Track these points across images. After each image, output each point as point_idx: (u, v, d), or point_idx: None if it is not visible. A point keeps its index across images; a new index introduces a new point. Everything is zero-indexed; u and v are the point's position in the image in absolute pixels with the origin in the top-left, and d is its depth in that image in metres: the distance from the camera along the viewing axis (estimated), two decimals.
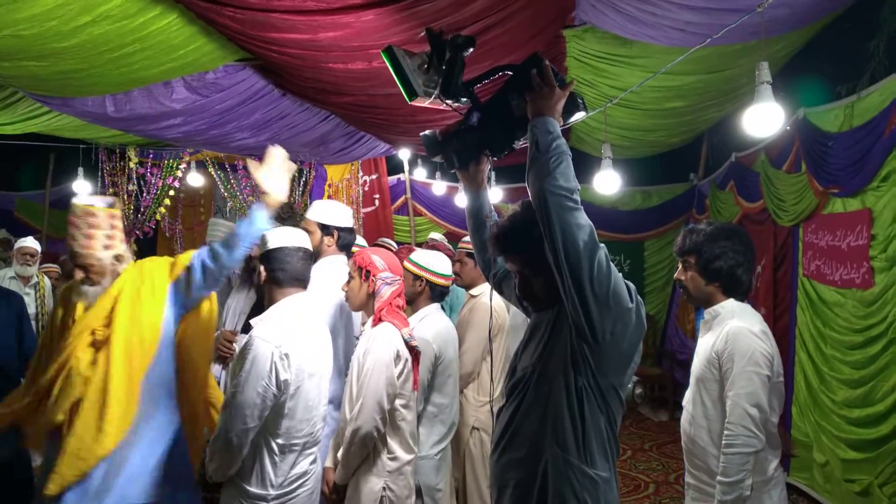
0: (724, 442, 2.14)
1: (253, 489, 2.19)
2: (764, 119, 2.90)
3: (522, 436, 1.76)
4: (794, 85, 4.66)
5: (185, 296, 2.51)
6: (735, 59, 4.02)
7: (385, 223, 7.48)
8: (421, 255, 3.03)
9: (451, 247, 4.75)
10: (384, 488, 2.51)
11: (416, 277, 2.95)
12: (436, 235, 6.71)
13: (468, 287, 3.59)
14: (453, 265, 3.45)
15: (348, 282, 2.71)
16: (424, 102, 1.78)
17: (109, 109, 4.00)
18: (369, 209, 7.55)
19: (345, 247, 3.22)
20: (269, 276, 2.32)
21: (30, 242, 5.14)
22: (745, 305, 2.35)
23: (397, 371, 2.51)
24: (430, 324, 2.97)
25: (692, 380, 2.38)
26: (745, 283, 2.35)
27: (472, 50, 1.76)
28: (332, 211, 3.22)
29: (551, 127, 1.61)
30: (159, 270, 2.55)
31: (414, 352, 2.60)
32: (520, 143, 1.80)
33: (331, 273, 3.07)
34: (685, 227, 2.88)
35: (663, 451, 5.67)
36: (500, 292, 2.07)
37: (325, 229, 3.19)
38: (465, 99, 1.80)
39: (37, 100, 4.11)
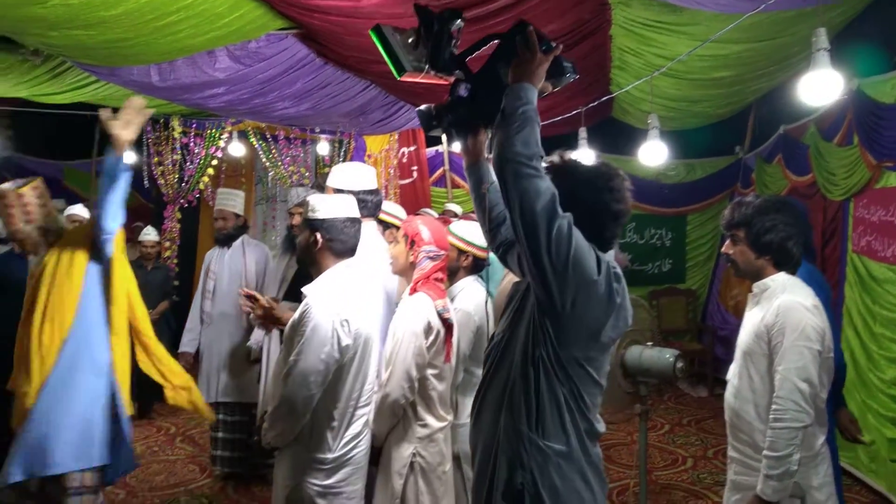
0: (772, 416, 2.11)
1: (312, 454, 2.24)
2: (820, 87, 2.81)
3: (488, 402, 1.78)
4: (847, 54, 4.49)
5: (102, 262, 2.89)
6: (788, 26, 3.88)
7: (423, 195, 7.47)
8: (462, 228, 3.01)
9: (472, 216, 4.71)
10: (414, 454, 2.55)
11: (462, 252, 2.95)
12: (454, 207, 6.69)
13: None
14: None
15: (394, 245, 2.74)
16: (416, 77, 1.77)
17: (154, 79, 4.05)
18: (407, 181, 7.54)
19: (370, 211, 3.04)
20: (324, 245, 2.33)
21: (78, 210, 5.26)
22: (795, 279, 2.30)
23: (428, 342, 2.53)
24: (470, 296, 2.98)
25: (738, 354, 2.34)
26: (796, 256, 2.30)
27: (459, 22, 1.73)
28: (351, 175, 3.03)
29: (523, 93, 1.59)
30: (80, 236, 2.90)
31: (447, 324, 2.60)
32: None
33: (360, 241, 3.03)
34: (731, 200, 2.82)
35: (702, 427, 5.63)
36: (505, 262, 2.04)
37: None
38: (458, 71, 1.77)
39: (84, 69, 4.17)
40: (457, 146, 7.44)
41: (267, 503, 4.11)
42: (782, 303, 2.18)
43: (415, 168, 7.52)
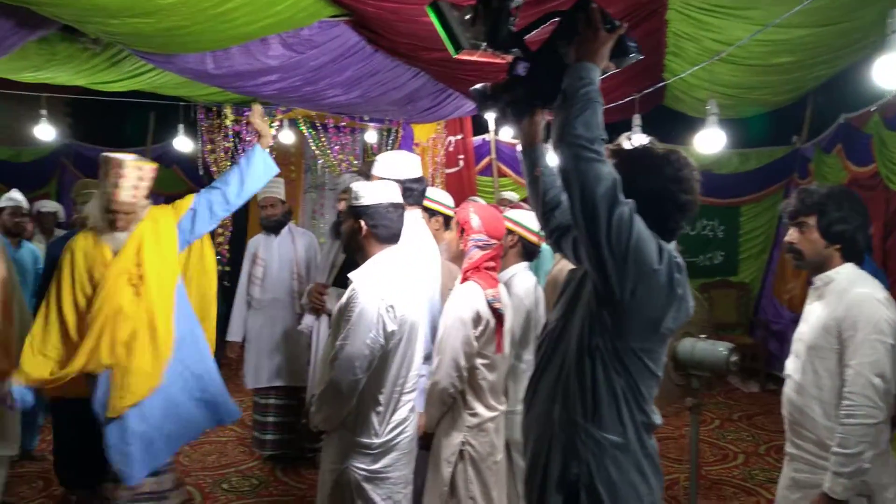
0: (843, 412, 2.04)
1: (359, 438, 2.26)
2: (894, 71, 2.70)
3: (541, 391, 1.75)
4: None
5: (188, 235, 3.06)
6: (854, 10, 3.73)
7: (469, 184, 7.45)
8: (520, 215, 3.01)
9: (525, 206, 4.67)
10: (463, 443, 2.56)
11: (509, 232, 2.93)
12: (510, 195, 6.65)
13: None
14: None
15: (448, 232, 2.74)
16: (473, 55, 1.73)
17: (209, 66, 4.11)
18: (453, 170, 7.53)
19: (415, 199, 3.03)
20: (369, 232, 2.34)
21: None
22: (862, 271, 2.22)
23: (477, 332, 2.52)
24: (521, 281, 2.97)
25: (800, 348, 2.27)
26: (863, 248, 2.22)
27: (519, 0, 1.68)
28: (396, 164, 3.04)
29: (585, 73, 1.53)
30: (165, 216, 3.04)
31: (497, 314, 2.58)
32: None
33: (405, 229, 3.03)
34: (787, 191, 2.74)
35: (753, 423, 5.51)
36: (559, 248, 2.00)
37: None
38: (515, 49, 1.73)
39: (141, 57, 4.26)
40: (504, 134, 7.40)
41: (315, 486, 4.18)
42: (854, 296, 2.10)
43: (461, 157, 7.49)
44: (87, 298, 2.84)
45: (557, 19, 1.69)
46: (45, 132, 6.26)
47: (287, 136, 6.94)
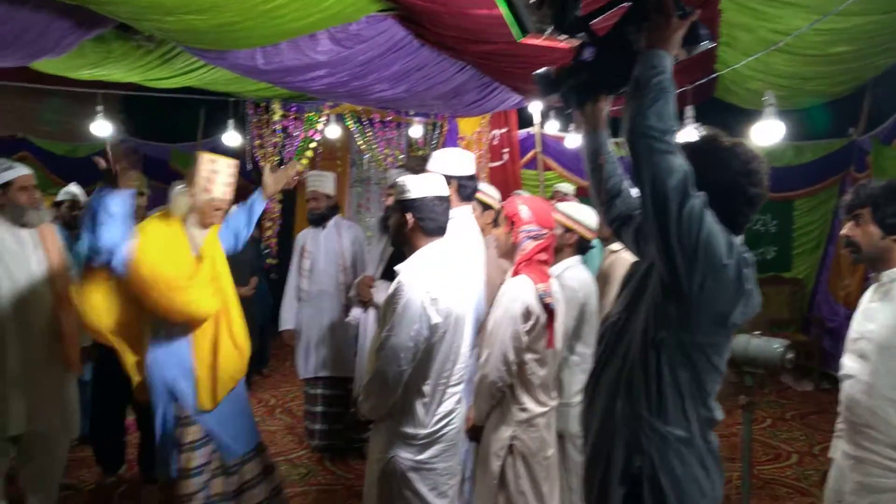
0: None
1: (404, 428, 2.28)
2: None
3: (602, 384, 1.73)
4: None
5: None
6: None
7: (514, 178, 7.42)
8: (570, 207, 2.99)
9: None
10: (513, 437, 2.55)
11: (568, 230, 2.92)
12: (564, 187, 6.59)
13: (607, 241, 3.50)
14: None
15: (497, 227, 2.73)
16: (538, 39, 1.71)
17: (259, 62, 4.17)
18: (497, 163, 7.51)
19: (467, 196, 3.10)
20: (416, 224, 2.35)
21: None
22: None
23: (527, 326, 2.51)
24: (574, 274, 2.96)
25: (868, 349, 2.18)
26: None
27: None
28: (450, 160, 3.07)
29: (657, 61, 1.49)
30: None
31: (548, 309, 2.56)
32: None
33: (456, 225, 3.05)
34: (844, 185, 2.66)
35: (807, 422, 5.36)
36: (619, 237, 1.98)
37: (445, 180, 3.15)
38: (582, 34, 1.70)
39: (194, 53, 4.34)
40: (550, 127, 7.34)
41: (362, 475, 4.22)
42: None
43: (506, 150, 7.46)
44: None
45: (626, 4, 1.66)
46: (102, 128, 6.43)
47: (333, 131, 7.01)
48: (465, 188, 3.01)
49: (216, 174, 2.99)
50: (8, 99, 7.88)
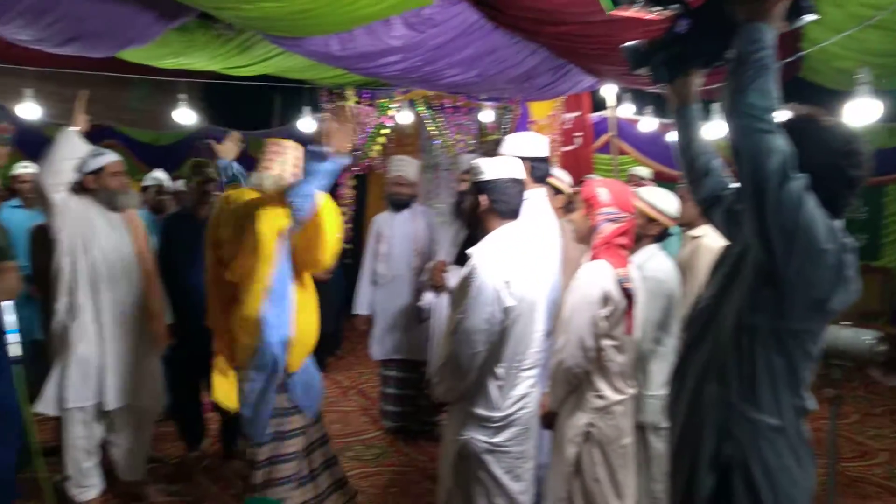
0: None
1: (479, 411, 2.29)
2: None
3: (691, 370, 1.68)
4: None
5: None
6: None
7: (586, 162, 7.29)
8: (652, 194, 2.90)
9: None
10: (589, 424, 2.51)
11: (650, 220, 2.85)
12: (640, 171, 6.43)
13: (687, 226, 3.39)
14: None
15: (569, 212, 2.69)
16: (628, 11, 1.66)
17: (335, 48, 4.22)
18: (569, 148, 7.39)
19: (540, 178, 3.06)
20: (490, 207, 2.34)
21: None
22: None
23: (605, 312, 2.46)
24: (659, 263, 2.89)
25: None
26: None
27: None
28: (522, 142, 3.05)
29: (757, 34, 1.41)
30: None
31: (627, 294, 2.50)
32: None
33: (529, 207, 3.01)
34: None
35: None
36: (708, 217, 1.91)
37: None
38: (675, 5, 1.63)
39: (271, 41, 4.43)
40: (625, 110, 7.17)
41: (435, 457, 4.28)
42: None
43: (578, 134, 7.34)
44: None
45: None
46: (185, 116, 6.66)
47: (405, 117, 7.05)
48: (537, 170, 2.99)
49: (277, 154, 3.07)
50: (96, 88, 8.29)
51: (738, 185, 1.48)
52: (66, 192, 3.26)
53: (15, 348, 3.03)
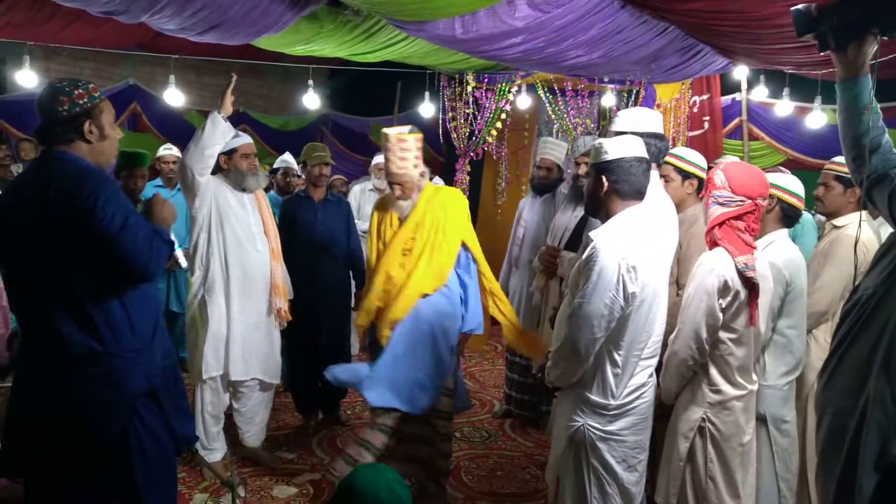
0: None
1: (594, 398, 2.23)
2: None
3: (847, 363, 1.59)
4: None
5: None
6: None
7: (714, 147, 6.93)
8: (769, 175, 2.74)
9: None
10: (703, 419, 2.41)
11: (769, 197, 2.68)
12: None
13: (831, 216, 3.14)
14: (817, 188, 3.08)
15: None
16: None
17: (458, 31, 4.23)
18: (697, 132, 7.06)
19: (654, 155, 2.73)
20: (611, 188, 2.26)
21: (383, 160, 5.81)
22: None
23: (724, 302, 2.33)
24: (780, 249, 2.71)
25: None
26: None
27: None
28: (635, 118, 2.76)
29: None
30: (459, 212, 3.24)
31: (750, 283, 2.35)
32: None
33: None
34: None
35: None
36: (870, 198, 1.77)
37: None
38: None
39: (396, 25, 4.50)
40: (758, 93, 6.75)
41: (541, 444, 4.25)
42: None
43: (706, 118, 7.00)
44: (377, 252, 3.25)
45: None
46: (312, 101, 6.92)
47: (524, 101, 6.98)
48: (650, 146, 2.65)
49: (388, 151, 3.10)
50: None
51: None
52: (209, 174, 3.46)
53: None
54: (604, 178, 2.27)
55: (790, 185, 2.78)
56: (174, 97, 6.69)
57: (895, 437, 1.43)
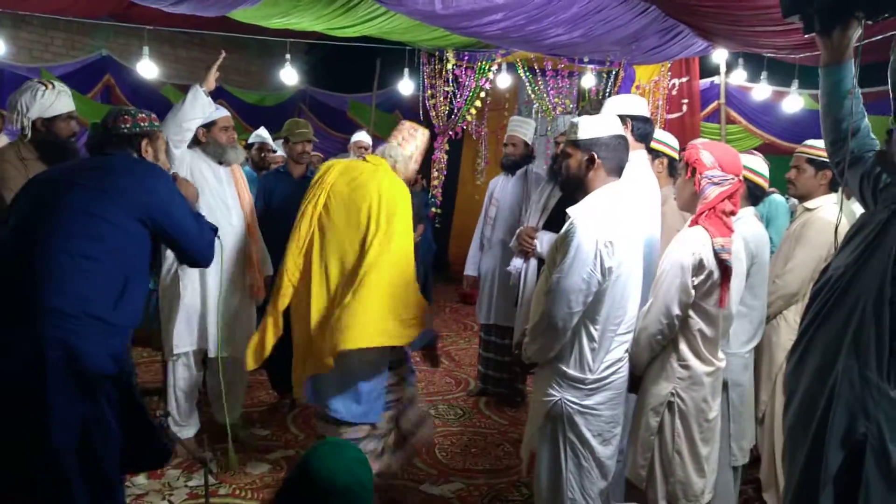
0: None
1: (571, 371, 2.26)
2: None
3: (818, 342, 1.59)
4: None
5: None
6: None
7: (692, 131, 6.97)
8: (744, 158, 2.80)
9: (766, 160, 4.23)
10: (672, 394, 2.42)
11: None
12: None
13: (802, 198, 3.19)
14: (789, 171, 3.12)
15: (672, 176, 2.58)
16: None
17: (438, 6, 4.17)
18: (675, 115, 7.09)
19: (642, 137, 2.95)
20: (588, 165, 2.29)
21: (363, 137, 5.77)
22: None
23: (696, 280, 2.34)
24: (747, 225, 2.79)
25: None
26: None
27: None
28: (623, 102, 2.98)
29: None
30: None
31: (723, 266, 2.37)
32: None
33: (631, 168, 2.90)
34: None
35: None
36: (842, 178, 1.79)
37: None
38: None
39: (375, 0, 4.43)
40: (736, 77, 6.79)
41: (515, 422, 4.29)
42: None
43: (685, 101, 7.03)
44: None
45: None
46: (290, 76, 6.80)
47: (504, 80, 6.95)
48: (639, 129, 2.90)
49: (396, 131, 3.15)
50: (206, 50, 8.62)
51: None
52: (184, 147, 3.40)
53: None
54: (584, 155, 2.29)
55: (755, 164, 2.92)
56: (148, 69, 6.54)
57: (862, 414, 1.45)
